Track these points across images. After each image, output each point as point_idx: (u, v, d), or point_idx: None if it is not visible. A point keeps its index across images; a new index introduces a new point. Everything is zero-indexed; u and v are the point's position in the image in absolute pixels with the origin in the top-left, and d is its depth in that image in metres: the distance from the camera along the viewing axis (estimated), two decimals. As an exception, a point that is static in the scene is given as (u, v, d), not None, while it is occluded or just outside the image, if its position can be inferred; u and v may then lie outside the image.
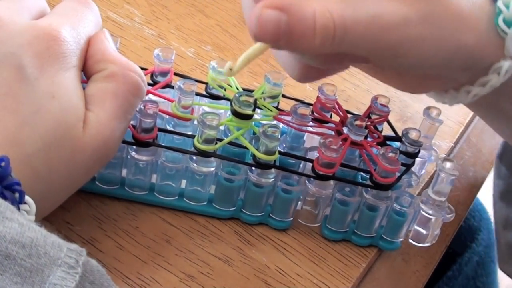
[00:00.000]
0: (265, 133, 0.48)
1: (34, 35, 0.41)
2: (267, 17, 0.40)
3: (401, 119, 0.65)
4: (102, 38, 0.46)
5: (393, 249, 0.53)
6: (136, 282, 0.46)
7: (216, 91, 0.54)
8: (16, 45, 0.41)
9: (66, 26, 0.44)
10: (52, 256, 0.31)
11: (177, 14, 0.70)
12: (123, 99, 0.44)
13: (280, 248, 0.51)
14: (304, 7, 0.40)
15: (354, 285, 0.51)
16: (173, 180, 0.50)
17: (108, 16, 0.66)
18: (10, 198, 0.35)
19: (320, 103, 0.55)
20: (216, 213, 0.51)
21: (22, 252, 0.31)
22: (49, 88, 0.41)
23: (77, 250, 0.32)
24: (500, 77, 0.45)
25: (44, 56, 0.41)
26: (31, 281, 0.30)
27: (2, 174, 0.35)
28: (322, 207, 0.52)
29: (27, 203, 0.36)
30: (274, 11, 0.40)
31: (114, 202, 0.51)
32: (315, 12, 0.40)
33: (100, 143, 0.43)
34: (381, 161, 0.49)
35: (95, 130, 0.43)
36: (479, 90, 0.47)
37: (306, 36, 0.40)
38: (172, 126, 0.52)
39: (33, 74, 0.40)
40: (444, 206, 0.51)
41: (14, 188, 0.35)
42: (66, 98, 0.42)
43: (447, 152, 0.65)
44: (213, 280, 0.48)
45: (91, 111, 0.43)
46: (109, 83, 0.44)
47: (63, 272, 0.31)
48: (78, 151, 0.42)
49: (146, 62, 0.62)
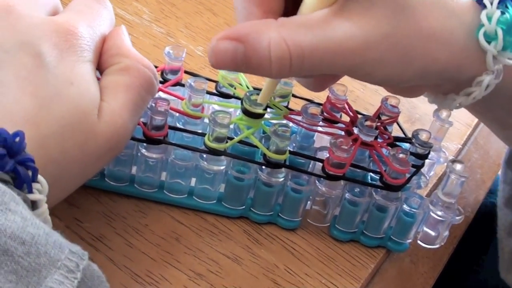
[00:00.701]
0: (276, 132, 0.49)
1: (52, 29, 0.42)
2: (223, 48, 0.42)
3: (409, 120, 0.66)
4: (120, 33, 0.47)
5: (401, 250, 0.54)
6: (146, 280, 0.47)
7: (226, 89, 0.55)
8: (35, 36, 0.41)
9: (83, 23, 0.44)
10: (52, 256, 0.30)
11: (185, 12, 0.71)
12: (136, 93, 0.45)
13: (289, 248, 0.52)
14: (260, 37, 0.42)
15: (363, 285, 0.51)
16: (183, 178, 0.51)
17: (116, 13, 0.67)
18: (23, 174, 0.34)
19: (330, 103, 0.55)
20: (225, 212, 0.52)
21: (21, 248, 0.30)
22: (68, 75, 0.41)
23: (79, 253, 0.31)
24: (482, 90, 0.46)
25: (62, 48, 0.42)
26: (26, 281, 0.29)
27: (16, 148, 0.34)
28: (331, 207, 0.52)
29: (40, 182, 0.36)
30: (230, 42, 0.42)
31: (123, 200, 0.51)
32: (270, 43, 0.41)
33: (113, 132, 0.43)
34: (391, 162, 0.50)
35: (108, 118, 0.43)
36: (463, 100, 0.47)
37: (263, 66, 0.42)
38: (182, 124, 0.52)
39: (52, 62, 0.41)
40: (454, 208, 0.52)
41: (27, 165, 0.35)
42: (85, 86, 0.42)
43: (455, 154, 0.65)
44: (222, 279, 0.48)
45: (104, 101, 0.44)
46: (123, 76, 0.45)
47: (61, 275, 0.30)
48: (91, 138, 0.42)
49: (155, 60, 0.62)
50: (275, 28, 0.42)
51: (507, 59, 0.45)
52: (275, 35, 0.41)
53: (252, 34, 0.42)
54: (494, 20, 0.44)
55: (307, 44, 0.41)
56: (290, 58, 0.41)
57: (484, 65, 0.45)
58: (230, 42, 0.42)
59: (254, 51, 0.42)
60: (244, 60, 0.42)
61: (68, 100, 0.41)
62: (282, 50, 0.41)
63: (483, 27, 0.44)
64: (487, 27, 0.44)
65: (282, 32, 0.42)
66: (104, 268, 0.46)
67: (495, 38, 0.44)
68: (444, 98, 0.49)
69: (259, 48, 0.42)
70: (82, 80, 0.42)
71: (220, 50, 0.43)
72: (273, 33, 0.41)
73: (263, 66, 0.42)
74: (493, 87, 0.46)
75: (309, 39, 0.41)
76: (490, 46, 0.44)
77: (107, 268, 0.47)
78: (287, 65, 0.42)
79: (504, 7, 0.45)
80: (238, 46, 0.42)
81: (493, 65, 0.45)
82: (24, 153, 0.35)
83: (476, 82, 0.46)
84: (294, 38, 0.41)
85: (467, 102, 0.47)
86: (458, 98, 0.48)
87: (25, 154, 0.35)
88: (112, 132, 0.43)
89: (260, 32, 0.42)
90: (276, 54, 0.41)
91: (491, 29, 0.44)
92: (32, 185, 0.35)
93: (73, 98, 0.41)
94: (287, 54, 0.41)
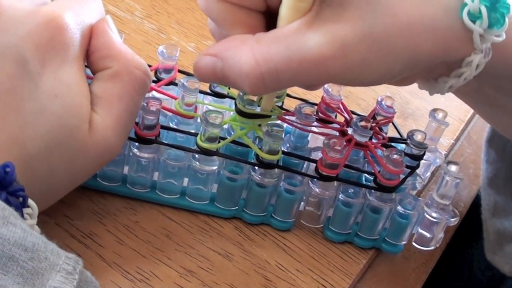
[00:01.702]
0: (268, 132, 0.49)
1: (36, 24, 0.41)
2: (203, 64, 0.45)
3: (402, 115, 0.67)
4: (106, 28, 0.46)
5: (396, 252, 0.55)
6: (136, 276, 0.48)
7: (220, 89, 0.56)
8: (17, 35, 0.41)
9: (70, 13, 0.44)
10: (52, 261, 0.33)
11: (177, 8, 0.72)
12: (129, 101, 0.45)
13: (280, 244, 0.53)
14: (234, 54, 0.43)
15: (354, 281, 0.52)
16: (175, 178, 0.51)
17: (108, 9, 0.68)
18: (14, 203, 0.36)
19: (325, 103, 0.56)
20: (218, 212, 0.53)
21: (24, 255, 0.32)
22: (52, 85, 0.41)
23: (74, 258, 0.34)
24: (472, 70, 0.46)
25: (46, 49, 0.41)
26: (31, 283, 0.32)
27: (7, 180, 0.36)
28: (325, 208, 0.53)
29: (30, 206, 0.38)
30: (210, 58, 0.44)
31: (114, 197, 0.52)
32: (240, 60, 0.43)
33: (105, 148, 0.44)
34: (385, 163, 0.51)
35: (100, 135, 0.44)
36: (455, 82, 0.47)
37: (238, 82, 0.43)
38: (175, 123, 0.53)
39: (36, 69, 0.41)
40: (449, 209, 0.53)
41: (18, 194, 0.37)
42: (69, 97, 0.42)
43: (448, 149, 0.67)
44: (213, 275, 0.49)
45: (97, 113, 0.44)
46: (114, 84, 0.45)
47: (62, 277, 0.33)
48: (81, 153, 0.43)
49: (147, 57, 0.64)
50: (250, 44, 0.43)
51: (494, 36, 0.45)
52: (246, 52, 0.42)
53: (228, 50, 0.44)
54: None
55: (279, 58, 0.42)
56: (262, 75, 0.42)
57: (472, 45, 0.45)
58: (210, 57, 0.44)
59: (229, 68, 0.43)
60: (223, 75, 0.44)
61: (53, 116, 0.41)
62: (251, 67, 0.42)
63: (466, 6, 0.44)
64: (470, 6, 0.44)
65: (254, 48, 0.42)
66: (95, 265, 0.47)
67: (480, 16, 0.44)
68: (435, 82, 0.49)
69: (234, 65, 0.43)
70: (67, 89, 0.42)
71: (201, 65, 0.45)
72: (245, 50, 0.43)
73: (238, 83, 0.44)
74: (483, 66, 0.46)
75: (282, 53, 0.42)
76: (475, 26, 0.44)
77: (97, 266, 0.47)
78: (260, 82, 0.42)
79: None
80: (216, 62, 0.44)
81: (481, 44, 0.45)
82: (15, 183, 0.37)
83: (466, 63, 0.46)
84: (266, 53, 0.42)
85: (458, 83, 0.47)
86: (450, 80, 0.48)
87: (16, 185, 0.37)
88: (105, 148, 0.44)
89: (235, 48, 0.43)
90: (246, 72, 0.42)
91: (475, 7, 0.44)
92: (23, 210, 0.37)
93: (58, 114, 0.41)
94: (257, 71, 0.42)
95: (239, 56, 0.43)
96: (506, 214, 0.64)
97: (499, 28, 0.45)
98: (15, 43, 0.40)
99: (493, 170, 0.66)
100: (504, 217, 0.65)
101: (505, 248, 0.64)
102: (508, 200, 0.64)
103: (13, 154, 0.39)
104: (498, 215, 0.64)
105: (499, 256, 0.64)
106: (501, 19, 0.44)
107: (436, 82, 0.49)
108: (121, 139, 0.45)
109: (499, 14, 0.44)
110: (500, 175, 0.65)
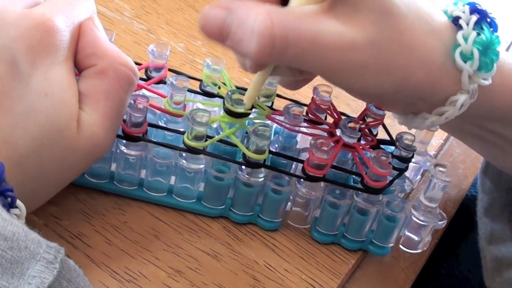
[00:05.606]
0: (255, 131, 0.53)
1: (27, 26, 0.45)
2: (212, 15, 0.46)
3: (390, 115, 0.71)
4: (91, 27, 0.49)
5: (383, 254, 0.59)
6: (124, 277, 0.51)
7: (210, 88, 0.60)
8: (9, 37, 0.44)
9: (60, 15, 0.47)
10: (32, 250, 0.35)
11: (167, 8, 0.76)
12: (116, 98, 0.49)
13: (269, 244, 0.56)
14: (248, 10, 0.45)
15: (343, 281, 0.56)
16: (163, 176, 0.56)
17: (97, 10, 0.71)
18: (2, 203, 0.39)
19: (315, 104, 0.60)
20: (205, 211, 0.57)
21: (4, 244, 0.34)
22: (41, 85, 0.45)
23: (56, 247, 0.36)
24: (456, 110, 0.50)
25: (37, 51, 0.45)
26: (11, 272, 0.34)
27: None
28: (312, 209, 0.57)
29: (18, 207, 0.40)
30: (221, 10, 0.46)
31: (102, 197, 0.56)
32: (256, 17, 0.44)
33: (93, 145, 0.48)
34: (372, 165, 0.54)
35: (88, 132, 0.47)
36: (436, 119, 0.52)
37: (244, 40, 0.45)
38: (164, 122, 0.57)
39: (26, 70, 0.44)
40: (436, 212, 0.57)
41: (6, 194, 0.39)
42: (59, 96, 0.46)
43: (437, 149, 0.71)
44: (202, 276, 0.53)
45: (84, 111, 0.47)
46: (101, 81, 0.48)
47: (42, 266, 0.35)
48: (71, 151, 0.46)
49: (136, 57, 0.68)
50: (266, 8, 0.45)
51: (482, 79, 0.50)
52: (263, 12, 0.44)
53: (242, 6, 0.45)
54: (470, 40, 0.49)
55: (294, 30, 0.44)
56: (274, 38, 0.44)
57: (459, 85, 0.50)
58: (221, 10, 0.46)
59: (240, 23, 0.45)
60: (230, 31, 0.45)
61: (43, 115, 0.44)
62: (266, 28, 0.44)
63: (459, 47, 0.49)
64: (463, 47, 0.49)
65: (271, 12, 0.44)
66: (83, 266, 0.50)
67: (471, 58, 0.49)
68: (414, 117, 0.53)
69: (245, 20, 0.45)
70: (57, 89, 0.45)
71: (209, 16, 0.46)
72: (262, 11, 0.44)
73: (245, 40, 0.45)
74: (467, 107, 0.50)
75: (296, 25, 0.44)
76: (466, 65, 0.49)
77: (85, 266, 0.51)
78: (269, 45, 0.44)
79: (480, 28, 0.50)
80: (227, 15, 0.46)
81: (468, 84, 0.50)
82: (4, 183, 0.40)
83: (450, 102, 0.50)
84: (282, 20, 0.44)
85: (439, 121, 0.52)
86: (430, 117, 0.52)
87: (4, 185, 0.40)
88: (93, 145, 0.48)
89: (250, 7, 0.45)
90: (259, 29, 0.44)
91: (467, 49, 0.49)
92: (11, 210, 0.40)
93: (47, 113, 0.45)
94: (271, 33, 0.44)
95: (254, 14, 0.44)
96: (503, 241, 0.67)
97: (487, 72, 0.50)
98: (7, 45, 0.44)
99: (489, 200, 0.69)
100: (501, 244, 0.67)
101: (504, 274, 0.67)
102: (505, 227, 0.68)
103: (3, 154, 0.42)
104: (495, 243, 0.68)
105: (498, 283, 0.67)
106: (490, 64, 0.50)
107: (416, 117, 0.53)
108: (109, 135, 0.49)
109: (489, 59, 0.50)
110: (496, 204, 0.69)
